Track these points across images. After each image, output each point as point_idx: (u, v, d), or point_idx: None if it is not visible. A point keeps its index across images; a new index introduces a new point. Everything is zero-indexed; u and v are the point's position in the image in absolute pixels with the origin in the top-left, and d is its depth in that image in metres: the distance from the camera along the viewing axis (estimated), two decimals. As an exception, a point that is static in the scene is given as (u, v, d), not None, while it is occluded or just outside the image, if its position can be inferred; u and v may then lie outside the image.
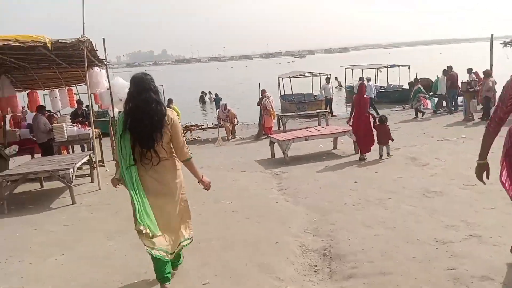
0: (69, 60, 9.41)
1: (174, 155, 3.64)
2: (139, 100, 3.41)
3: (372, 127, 9.55)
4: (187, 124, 15.65)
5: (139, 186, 3.40)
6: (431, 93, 19.34)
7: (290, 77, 21.90)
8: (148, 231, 3.32)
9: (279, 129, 16.23)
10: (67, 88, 12.36)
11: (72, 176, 7.09)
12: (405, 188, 6.78)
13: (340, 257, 4.24)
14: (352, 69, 26.88)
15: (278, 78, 23.81)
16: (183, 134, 3.65)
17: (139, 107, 3.39)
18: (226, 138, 14.99)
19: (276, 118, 15.29)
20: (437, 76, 19.79)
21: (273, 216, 5.84)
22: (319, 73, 23.37)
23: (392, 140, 9.51)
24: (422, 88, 16.86)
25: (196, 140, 15.59)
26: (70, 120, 11.01)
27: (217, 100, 26.07)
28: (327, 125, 16.00)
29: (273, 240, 4.78)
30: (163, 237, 3.46)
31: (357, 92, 10.22)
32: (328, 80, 20.26)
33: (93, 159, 8.88)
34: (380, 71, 24.92)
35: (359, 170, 8.55)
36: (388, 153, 9.38)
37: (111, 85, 10.06)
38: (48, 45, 7.54)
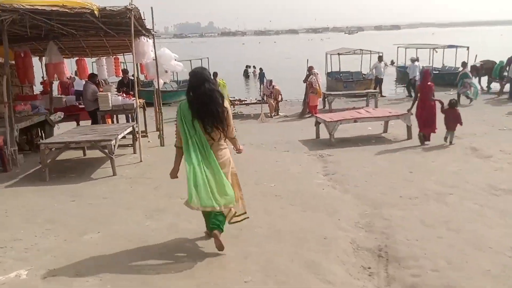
0: (116, 28, 9.18)
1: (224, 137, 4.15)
2: (202, 92, 3.85)
3: (441, 112, 8.92)
4: (230, 99, 15.30)
5: (196, 160, 3.88)
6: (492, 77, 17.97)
7: (338, 54, 20.95)
8: (197, 206, 3.83)
9: (324, 108, 15.59)
10: (113, 56, 12.28)
11: (114, 147, 6.95)
12: (468, 182, 6.11)
13: (398, 260, 3.77)
14: (406, 48, 25.34)
15: (326, 54, 22.85)
16: (232, 118, 4.13)
17: (203, 97, 3.86)
18: (269, 114, 14.55)
19: (322, 96, 14.62)
20: (500, 61, 18.34)
21: (320, 204, 5.40)
22: (370, 51, 22.23)
23: (461, 124, 8.81)
24: (469, 73, 15.65)
25: (238, 115, 15.25)
26: (116, 89, 10.92)
27: (261, 75, 25.48)
28: (376, 106, 15.18)
29: (321, 234, 4.36)
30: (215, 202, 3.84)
31: (421, 79, 9.68)
32: (380, 58, 19.11)
33: (136, 130, 8.73)
34: (436, 51, 23.34)
35: (414, 157, 7.89)
36: (450, 141, 8.67)
37: (157, 56, 9.80)
38: (96, 12, 7.32)
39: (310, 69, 14.70)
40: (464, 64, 16.44)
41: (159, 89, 10.21)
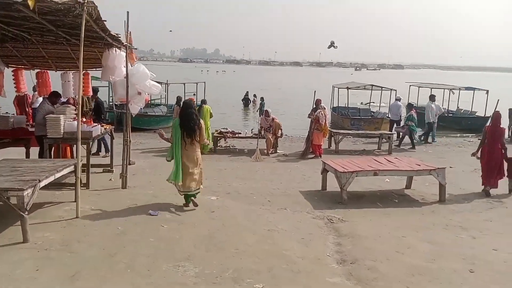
0: (73, 33, 7.14)
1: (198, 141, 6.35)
2: (186, 113, 6.26)
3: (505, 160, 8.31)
4: (222, 130, 13.19)
5: (180, 156, 6.19)
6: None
7: (348, 88, 19.00)
8: (178, 183, 6.21)
9: (329, 147, 13.46)
10: (83, 71, 10.17)
11: (30, 199, 4.68)
12: None
13: None
14: (419, 87, 23.50)
15: (333, 87, 20.92)
16: (205, 132, 6.70)
17: (187, 117, 6.22)
18: (265, 151, 12.38)
19: (328, 135, 12.48)
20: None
21: None
22: (381, 87, 20.32)
23: None
24: (414, 116, 14.34)
25: (229, 150, 13.08)
26: (75, 112, 8.76)
27: (261, 106, 23.50)
28: (390, 152, 13.05)
29: None
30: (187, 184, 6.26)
31: (491, 121, 8.81)
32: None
33: (80, 171, 6.51)
34: (453, 93, 21.46)
35: (464, 236, 5.65)
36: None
37: (129, 74, 7.72)
38: (29, 2, 5.23)
39: (317, 102, 12.65)
40: (410, 107, 14.70)
41: (128, 113, 8.07)
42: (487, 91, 20.24)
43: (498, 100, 18.10)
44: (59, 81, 10.17)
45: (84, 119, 8.32)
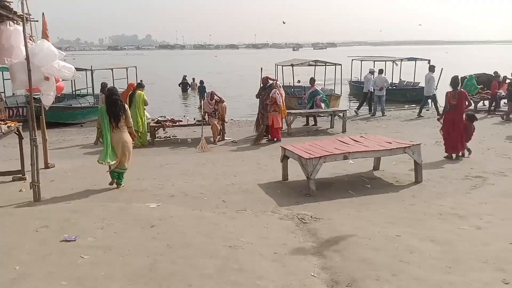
0: None
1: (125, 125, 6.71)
2: (111, 100, 6.59)
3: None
4: (159, 119, 11.54)
5: (108, 139, 6.51)
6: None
7: (292, 65, 17.86)
8: (108, 162, 6.56)
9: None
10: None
11: None
12: None
13: None
14: (362, 60, 23.03)
15: (276, 66, 19.67)
16: (130, 116, 6.87)
17: (112, 103, 6.56)
18: (212, 140, 10.97)
19: (285, 116, 11.27)
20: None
21: None
22: (325, 62, 19.44)
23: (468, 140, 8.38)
24: (319, 90, 13.96)
25: (170, 141, 11.50)
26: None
27: (201, 89, 21.77)
28: (344, 129, 12.15)
29: None
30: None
31: (451, 84, 8.56)
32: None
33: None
34: (396, 64, 21.14)
35: (461, 216, 4.70)
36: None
37: (29, 54, 5.91)
38: None
39: (265, 80, 11.35)
40: (312, 81, 13.95)
41: (32, 104, 6.26)
42: (429, 61, 20.07)
43: (442, 68, 18.04)
44: None
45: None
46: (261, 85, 11.78)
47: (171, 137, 11.84)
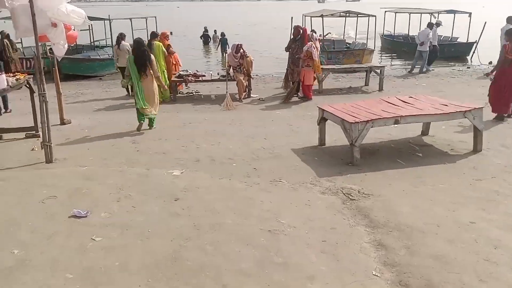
0: None
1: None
2: (139, 51, 7.05)
3: None
4: (181, 73, 10.70)
5: (140, 86, 7.05)
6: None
7: (322, 16, 16.49)
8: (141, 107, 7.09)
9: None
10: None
11: None
12: None
13: None
14: (396, 12, 21.32)
15: (304, 17, 18.25)
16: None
17: (140, 54, 7.03)
18: (237, 97, 10.15)
19: (320, 72, 10.25)
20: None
21: None
22: (358, 14, 17.94)
23: None
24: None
25: (192, 97, 10.73)
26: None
27: (223, 41, 20.65)
28: (381, 88, 11.10)
29: None
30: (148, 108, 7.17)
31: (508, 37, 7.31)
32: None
33: None
34: (435, 17, 19.42)
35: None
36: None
37: (32, -6, 5.10)
38: None
39: (297, 31, 10.28)
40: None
41: (39, 53, 5.51)
42: (470, 14, 18.38)
43: (486, 22, 16.41)
44: None
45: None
46: (291, 36, 10.75)
47: (194, 93, 11.06)
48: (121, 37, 10.96)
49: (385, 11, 21.58)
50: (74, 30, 7.27)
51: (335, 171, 5.17)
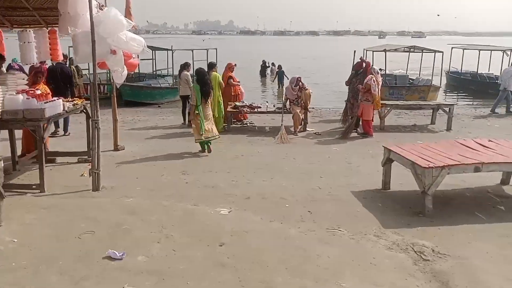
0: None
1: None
2: (204, 80, 7.54)
3: None
4: (237, 104, 10.51)
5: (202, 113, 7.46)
6: None
7: (385, 51, 15.92)
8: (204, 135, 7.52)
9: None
10: (49, 29, 7.58)
11: None
12: None
13: None
14: (464, 49, 20.21)
15: (365, 51, 17.70)
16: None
17: (204, 83, 7.51)
18: (292, 130, 9.73)
19: (379, 108, 9.63)
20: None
21: None
22: (423, 49, 17.15)
23: None
24: None
25: (247, 128, 10.44)
26: (27, 81, 6.20)
27: (280, 74, 20.54)
28: (449, 127, 10.20)
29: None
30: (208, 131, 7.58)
31: None
32: None
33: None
34: (507, 55, 18.13)
35: None
36: None
37: (95, 22, 5.09)
38: None
39: (359, 65, 9.82)
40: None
41: (97, 79, 5.45)
42: (549, 51, 16.97)
43: None
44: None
45: (38, 91, 5.76)
46: (353, 71, 10.28)
47: (249, 124, 10.78)
48: (183, 66, 11.03)
49: (452, 47, 20.54)
50: (134, 58, 7.30)
51: (403, 222, 4.52)
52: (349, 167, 6.89)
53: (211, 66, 10.10)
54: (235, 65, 11.10)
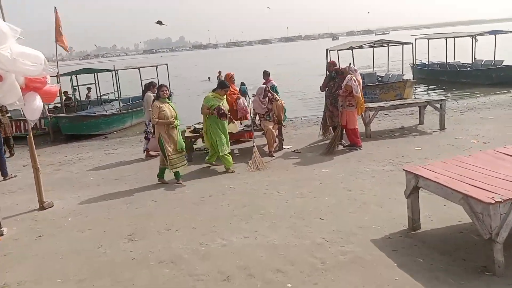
0: None
1: None
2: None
3: None
4: (195, 126, 8.69)
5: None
6: None
7: (351, 48, 14.57)
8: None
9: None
10: None
11: None
12: None
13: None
14: (428, 39, 19.37)
15: (328, 51, 16.33)
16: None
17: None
18: (267, 150, 8.08)
19: (362, 111, 8.13)
20: None
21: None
22: (389, 43, 15.97)
23: None
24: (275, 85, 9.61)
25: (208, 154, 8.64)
26: None
27: (242, 91, 18.76)
28: (442, 127, 8.86)
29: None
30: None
31: None
32: None
33: None
34: (477, 40, 17.37)
35: None
36: None
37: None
38: None
39: (331, 65, 8.35)
40: (266, 74, 9.97)
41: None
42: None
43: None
44: None
45: None
46: (327, 73, 8.78)
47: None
48: (148, 86, 8.77)
49: (415, 39, 19.60)
50: (50, 84, 5.40)
51: (460, 285, 2.91)
52: (351, 196, 5.27)
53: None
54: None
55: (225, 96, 7.30)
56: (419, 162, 6.63)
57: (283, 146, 8.54)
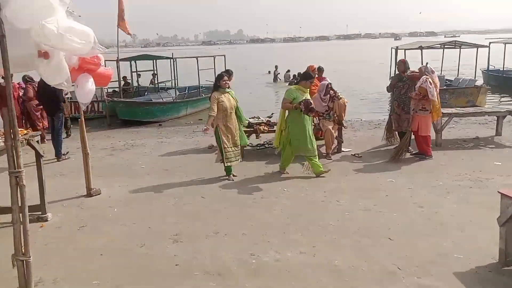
0: None
1: None
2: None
3: None
4: (251, 121, 8.24)
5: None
6: None
7: (421, 48, 13.48)
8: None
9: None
10: None
11: None
12: None
13: None
14: (505, 43, 17.69)
15: (395, 50, 15.21)
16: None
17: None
18: (325, 152, 7.48)
19: (438, 118, 7.31)
20: None
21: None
22: (461, 44, 14.66)
23: None
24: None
25: (265, 152, 8.18)
26: None
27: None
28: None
29: None
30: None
31: None
32: None
33: None
34: None
35: None
36: None
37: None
38: None
39: (401, 66, 7.58)
40: (321, 71, 8.70)
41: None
42: None
43: None
44: None
45: None
46: (396, 72, 8.01)
47: (267, 146, 8.53)
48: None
49: (490, 42, 17.96)
50: (103, 66, 5.15)
51: None
52: (425, 214, 4.59)
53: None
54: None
55: (308, 90, 6.51)
56: (500, 179, 5.81)
57: (342, 149, 7.91)
